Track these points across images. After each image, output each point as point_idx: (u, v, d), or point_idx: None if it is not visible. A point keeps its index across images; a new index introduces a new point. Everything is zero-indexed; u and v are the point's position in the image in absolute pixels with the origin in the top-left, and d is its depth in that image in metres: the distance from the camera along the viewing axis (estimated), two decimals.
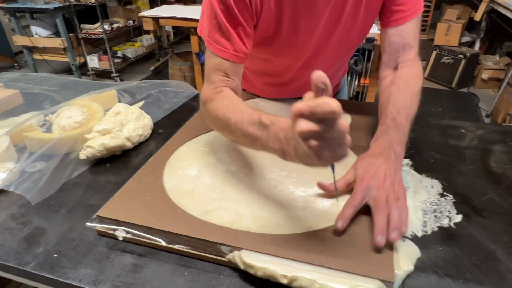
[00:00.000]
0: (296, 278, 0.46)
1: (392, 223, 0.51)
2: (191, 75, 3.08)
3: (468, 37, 3.87)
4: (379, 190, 0.55)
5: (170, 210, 0.57)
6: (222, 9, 0.65)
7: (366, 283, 0.45)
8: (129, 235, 0.56)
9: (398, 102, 0.69)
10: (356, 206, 0.54)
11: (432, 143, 0.83)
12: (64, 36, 3.48)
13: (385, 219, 0.52)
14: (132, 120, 0.84)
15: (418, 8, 0.74)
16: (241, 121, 0.57)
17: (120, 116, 0.85)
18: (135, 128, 0.83)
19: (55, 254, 0.56)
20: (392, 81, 0.75)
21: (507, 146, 0.82)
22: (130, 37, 4.33)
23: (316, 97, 0.41)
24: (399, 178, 0.59)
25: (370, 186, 0.56)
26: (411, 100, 0.70)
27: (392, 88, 0.73)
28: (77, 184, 0.73)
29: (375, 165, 0.58)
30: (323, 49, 0.79)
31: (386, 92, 0.73)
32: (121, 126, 0.82)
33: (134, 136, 0.82)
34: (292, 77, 0.88)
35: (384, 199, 0.54)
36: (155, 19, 2.61)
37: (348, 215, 0.53)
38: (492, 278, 0.50)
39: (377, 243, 0.49)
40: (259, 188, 0.63)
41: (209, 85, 0.69)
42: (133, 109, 0.88)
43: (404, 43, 0.76)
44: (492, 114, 2.94)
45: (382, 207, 0.53)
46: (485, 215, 0.61)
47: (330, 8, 0.70)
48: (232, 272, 0.52)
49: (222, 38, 0.67)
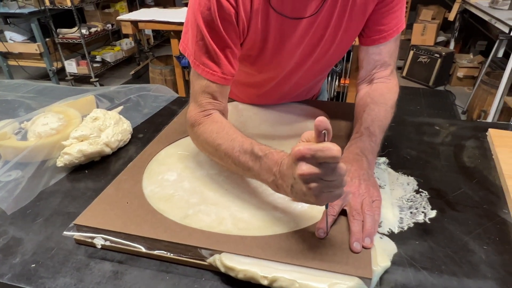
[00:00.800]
0: (276, 279, 0.47)
1: (366, 230, 0.53)
2: (172, 79, 3.06)
3: (443, 36, 3.98)
4: (355, 196, 0.57)
5: (149, 215, 0.57)
6: (208, 31, 0.64)
7: (345, 280, 0.46)
8: (108, 242, 0.55)
9: (372, 112, 0.71)
10: (335, 215, 0.56)
11: (407, 141, 0.85)
12: (40, 41, 3.40)
13: (360, 225, 0.54)
14: (110, 126, 0.83)
15: (399, 27, 0.75)
16: (232, 149, 0.57)
17: (98, 121, 0.84)
18: (113, 134, 0.82)
19: (32, 264, 0.55)
20: (367, 93, 0.77)
21: (479, 142, 0.85)
22: (109, 41, 4.27)
23: (317, 142, 0.43)
24: (373, 181, 0.61)
25: (346, 192, 0.57)
26: (385, 111, 0.72)
27: (367, 99, 0.75)
28: (55, 192, 0.71)
29: (349, 172, 0.60)
30: (304, 65, 0.80)
31: (361, 102, 0.76)
32: (99, 132, 0.81)
33: (113, 141, 0.81)
34: (271, 88, 0.89)
35: (359, 205, 0.56)
36: (134, 22, 2.58)
37: (328, 224, 0.54)
38: (466, 269, 0.52)
39: (354, 249, 0.51)
40: (239, 190, 0.64)
41: (197, 107, 0.68)
42: (112, 114, 0.87)
43: (382, 62, 0.77)
44: (468, 111, 3.04)
45: (357, 214, 0.55)
46: (458, 209, 0.64)
47: (313, 29, 0.71)
48: (213, 275, 0.52)
49: (210, 61, 0.66)
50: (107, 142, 0.80)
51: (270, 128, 0.86)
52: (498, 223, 0.60)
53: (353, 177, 0.60)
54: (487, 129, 0.87)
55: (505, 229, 0.59)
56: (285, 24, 0.68)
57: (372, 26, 0.74)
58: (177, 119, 0.90)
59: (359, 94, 0.80)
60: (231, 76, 0.68)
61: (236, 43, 0.68)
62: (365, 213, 0.55)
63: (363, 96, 0.77)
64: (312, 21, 0.69)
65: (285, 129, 0.85)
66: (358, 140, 0.67)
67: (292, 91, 0.92)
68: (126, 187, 0.64)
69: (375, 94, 0.76)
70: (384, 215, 0.60)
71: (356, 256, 0.49)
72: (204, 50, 0.65)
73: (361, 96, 0.78)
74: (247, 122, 0.88)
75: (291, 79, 0.84)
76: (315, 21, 0.69)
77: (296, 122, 0.88)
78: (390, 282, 0.51)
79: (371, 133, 0.68)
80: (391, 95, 0.76)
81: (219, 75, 0.66)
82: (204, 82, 0.67)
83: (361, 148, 0.65)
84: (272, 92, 0.90)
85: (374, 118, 0.70)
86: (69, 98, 1.03)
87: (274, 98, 0.94)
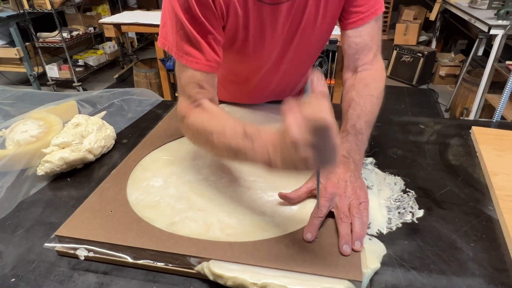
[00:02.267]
0: (266, 285, 0.46)
1: (355, 233, 0.53)
2: (157, 82, 3.02)
3: (425, 36, 4.06)
4: (342, 198, 0.58)
5: (134, 224, 0.56)
6: (187, 19, 0.62)
7: (335, 284, 0.46)
8: (92, 253, 0.53)
9: (358, 107, 0.70)
10: (323, 217, 0.56)
11: (393, 140, 0.86)
12: (20, 45, 3.31)
13: (349, 228, 0.54)
14: (93, 132, 0.81)
15: (378, 8, 0.75)
16: (223, 133, 0.55)
17: (80, 127, 0.81)
18: (96, 140, 0.80)
19: (12, 278, 0.52)
20: (352, 85, 0.76)
21: (463, 139, 0.86)
22: (92, 44, 4.19)
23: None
24: (360, 183, 0.61)
25: (333, 194, 0.58)
26: (371, 104, 0.71)
27: (352, 92, 0.74)
28: (36, 201, 0.69)
29: (336, 174, 0.61)
30: (287, 53, 0.80)
31: (347, 96, 0.75)
32: (82, 138, 0.79)
33: (96, 147, 0.79)
34: (258, 83, 0.88)
35: (347, 208, 0.57)
36: (117, 25, 2.54)
37: (316, 226, 0.55)
38: (454, 267, 0.53)
39: (343, 252, 0.51)
40: (226, 195, 0.63)
41: (185, 99, 0.67)
42: (94, 120, 0.85)
43: (363, 45, 0.77)
44: (451, 108, 3.10)
45: (345, 217, 0.55)
46: (445, 207, 0.64)
47: (292, 15, 0.71)
48: (201, 284, 0.51)
49: (192, 49, 0.64)
50: (90, 149, 0.78)
51: None
52: (484, 220, 0.61)
53: (339, 180, 0.60)
54: (470, 127, 0.88)
55: (490, 226, 0.60)
56: (264, 10, 0.69)
57: (349, 9, 0.74)
58: (162, 123, 0.88)
59: (345, 86, 0.79)
60: (216, 64, 0.67)
61: (218, 29, 0.66)
62: (353, 216, 0.55)
63: (349, 89, 0.76)
64: (290, 7, 0.70)
65: None
66: (345, 140, 0.67)
67: (278, 86, 0.91)
68: (109, 194, 0.62)
69: (359, 86, 0.74)
70: (372, 216, 0.60)
71: (345, 259, 0.49)
72: (186, 39, 0.64)
73: (347, 89, 0.77)
74: None
75: (276, 71, 0.84)
76: (293, 6, 0.70)
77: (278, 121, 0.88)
78: (380, 283, 0.50)
79: (357, 131, 0.67)
80: (377, 83, 0.75)
81: (203, 63, 0.65)
82: (190, 72, 0.66)
83: (347, 149, 0.65)
84: (258, 87, 0.90)
85: (360, 113, 0.69)
86: (49, 104, 1.00)
87: (260, 95, 0.94)
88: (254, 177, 0.67)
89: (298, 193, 0.61)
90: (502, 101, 1.95)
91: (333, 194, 0.57)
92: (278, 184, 0.64)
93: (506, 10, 2.30)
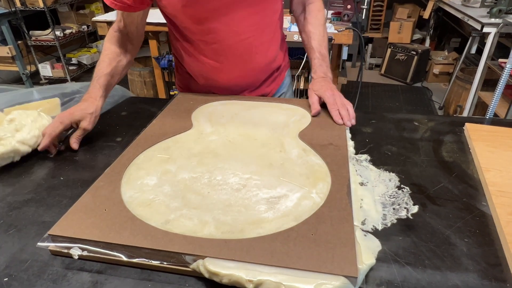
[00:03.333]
0: (262, 282, 0.46)
1: (344, 117, 0.84)
2: (152, 80, 3.01)
3: (419, 34, 4.07)
4: (330, 98, 0.88)
5: (129, 222, 0.55)
6: None
7: (331, 280, 0.46)
8: (86, 252, 0.53)
9: (316, 37, 0.99)
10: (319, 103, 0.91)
11: (388, 137, 0.86)
12: (12, 43, 3.28)
13: (337, 112, 0.85)
14: (27, 124, 0.82)
15: None
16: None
17: (14, 122, 0.83)
18: (29, 130, 0.81)
19: (4, 278, 0.52)
20: (306, 20, 1.02)
21: (457, 136, 0.86)
22: (85, 43, 4.16)
23: None
24: (339, 92, 0.91)
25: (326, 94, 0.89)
26: (323, 32, 1.00)
27: (308, 26, 1.01)
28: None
29: (323, 86, 0.91)
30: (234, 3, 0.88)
31: (306, 29, 1.02)
32: (14, 132, 0.80)
33: (30, 138, 0.80)
34: (221, 48, 0.95)
35: (334, 101, 0.87)
36: (110, 23, 2.52)
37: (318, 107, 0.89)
38: (448, 262, 0.53)
39: (336, 120, 0.85)
40: (221, 193, 0.62)
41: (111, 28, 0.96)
42: (29, 113, 0.86)
43: None
44: (444, 106, 3.12)
45: (334, 105, 0.87)
46: (439, 203, 0.65)
47: None
48: (197, 281, 0.51)
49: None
50: (22, 140, 0.79)
51: (251, 129, 0.84)
52: (477, 216, 0.61)
53: (326, 89, 0.90)
54: (463, 123, 0.89)
55: (484, 221, 0.60)
56: None
57: None
58: (156, 122, 0.88)
59: (299, 20, 1.06)
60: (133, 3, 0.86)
61: None
62: (339, 106, 0.86)
63: (304, 23, 1.03)
64: None
65: (268, 129, 0.84)
66: (319, 65, 0.96)
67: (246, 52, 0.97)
68: (103, 193, 0.62)
69: (311, 18, 1.01)
70: (367, 213, 0.60)
71: (341, 255, 0.49)
72: None
73: (303, 24, 1.03)
74: (227, 124, 0.87)
75: (231, 26, 0.91)
76: None
77: (276, 120, 0.88)
78: (375, 279, 0.51)
79: (323, 56, 0.98)
80: (321, 13, 1.03)
81: (120, 4, 0.86)
82: (118, 15, 0.93)
83: (323, 71, 0.96)
84: (225, 56, 0.96)
85: (320, 41, 0.99)
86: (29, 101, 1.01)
87: (233, 70, 1.00)
88: (249, 174, 0.67)
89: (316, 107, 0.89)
90: (494, 98, 1.96)
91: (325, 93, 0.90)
92: (274, 181, 0.64)
93: (499, 8, 2.31)
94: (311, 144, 0.76)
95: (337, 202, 0.58)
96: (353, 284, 0.47)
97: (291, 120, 0.87)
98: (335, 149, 0.74)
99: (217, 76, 1.01)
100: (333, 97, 0.88)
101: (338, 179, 0.64)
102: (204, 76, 1.03)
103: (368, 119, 0.94)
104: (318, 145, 0.75)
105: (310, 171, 0.67)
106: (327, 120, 0.86)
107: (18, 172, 0.77)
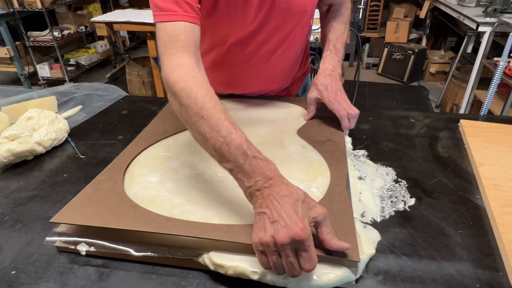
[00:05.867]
0: (266, 273, 0.47)
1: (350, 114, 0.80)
2: (150, 80, 3.02)
3: (416, 34, 4.10)
4: (335, 99, 0.82)
5: (131, 210, 0.56)
6: None
7: (333, 270, 0.48)
8: (93, 248, 0.54)
9: (336, 31, 0.92)
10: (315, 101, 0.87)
11: (385, 134, 0.88)
12: (10, 44, 3.27)
13: (347, 119, 0.80)
14: (45, 125, 0.83)
15: None
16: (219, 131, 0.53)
17: (32, 121, 0.84)
18: (47, 132, 0.82)
19: (12, 271, 0.53)
20: (330, 14, 0.95)
21: (452, 132, 0.88)
22: (83, 43, 4.16)
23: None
24: (344, 93, 0.84)
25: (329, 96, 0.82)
26: (344, 29, 0.94)
27: (331, 20, 0.94)
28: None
29: (328, 84, 0.84)
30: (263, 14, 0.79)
31: (327, 23, 0.95)
32: (32, 131, 0.81)
33: (46, 140, 0.82)
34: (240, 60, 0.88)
35: (338, 103, 0.81)
36: (108, 24, 2.53)
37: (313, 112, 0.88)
38: (443, 252, 0.55)
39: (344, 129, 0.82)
40: (224, 189, 0.64)
41: (170, 58, 0.63)
42: (47, 113, 0.87)
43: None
44: (441, 105, 3.14)
45: (338, 105, 0.81)
46: (435, 196, 0.66)
47: None
48: (200, 273, 0.52)
49: (168, 5, 0.64)
50: (40, 141, 0.80)
51: (251, 127, 0.86)
52: (471, 208, 0.63)
53: (331, 89, 0.83)
54: (458, 120, 0.91)
55: (478, 214, 0.62)
56: None
57: None
58: (157, 120, 0.89)
59: (323, 16, 0.99)
60: (195, 13, 0.66)
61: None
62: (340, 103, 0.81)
63: (328, 18, 0.96)
64: None
65: (267, 127, 0.86)
66: (330, 58, 0.89)
67: (268, 70, 0.91)
68: (105, 186, 0.63)
69: (335, 14, 0.95)
70: (366, 205, 0.62)
71: None
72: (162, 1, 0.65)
73: (326, 18, 0.96)
74: None
75: (256, 38, 0.83)
76: None
77: (275, 118, 0.89)
78: (373, 269, 0.52)
79: (337, 50, 0.90)
80: (348, 12, 0.97)
81: (181, 14, 0.64)
82: (170, 28, 0.64)
83: (333, 64, 0.87)
84: (242, 68, 0.90)
85: (337, 36, 0.92)
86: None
87: (248, 81, 0.94)
88: None
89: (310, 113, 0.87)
90: (488, 96, 1.99)
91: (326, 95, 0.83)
92: None
93: (494, 8, 2.34)
94: (310, 140, 0.78)
95: (337, 196, 0.60)
96: (354, 274, 0.48)
97: (290, 117, 0.89)
98: (333, 145, 0.75)
99: (232, 89, 1.00)
100: (336, 98, 0.81)
101: (337, 174, 0.66)
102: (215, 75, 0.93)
103: (365, 116, 0.96)
104: (317, 141, 0.77)
105: (310, 166, 0.69)
106: (325, 117, 0.88)
107: (22, 170, 0.78)
